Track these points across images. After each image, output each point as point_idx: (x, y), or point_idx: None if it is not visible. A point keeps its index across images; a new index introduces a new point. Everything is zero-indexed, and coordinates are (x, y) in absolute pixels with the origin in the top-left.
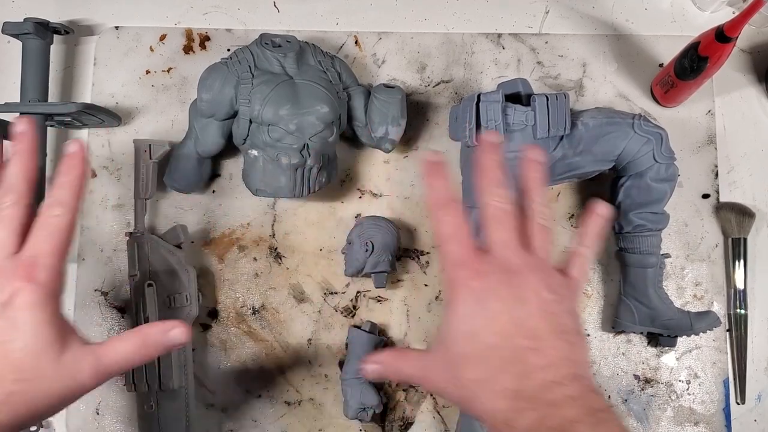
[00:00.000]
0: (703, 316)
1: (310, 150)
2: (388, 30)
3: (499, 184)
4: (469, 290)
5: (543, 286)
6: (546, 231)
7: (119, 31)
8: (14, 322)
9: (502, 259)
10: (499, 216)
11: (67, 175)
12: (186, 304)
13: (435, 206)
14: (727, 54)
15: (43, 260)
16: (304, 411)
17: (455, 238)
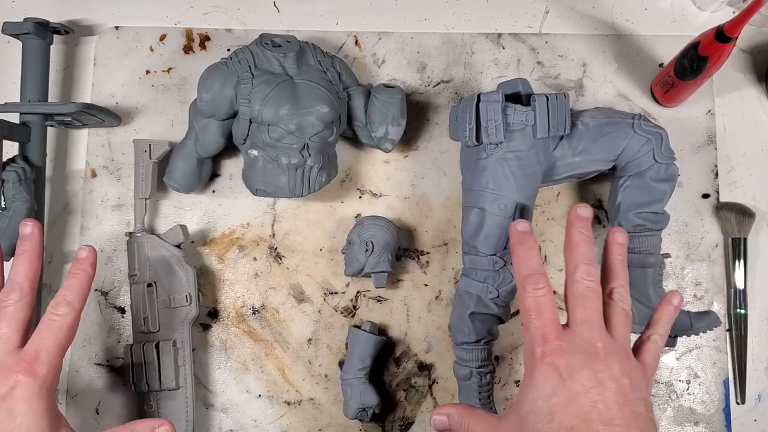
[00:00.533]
0: (703, 316)
1: (310, 150)
2: (388, 30)
3: (588, 262)
4: (552, 368)
5: (622, 372)
6: (626, 315)
7: (119, 31)
8: (12, 413)
9: (586, 339)
10: (586, 295)
11: (76, 278)
12: (186, 303)
13: (520, 278)
14: (727, 54)
15: (45, 356)
16: (304, 411)
17: (539, 312)
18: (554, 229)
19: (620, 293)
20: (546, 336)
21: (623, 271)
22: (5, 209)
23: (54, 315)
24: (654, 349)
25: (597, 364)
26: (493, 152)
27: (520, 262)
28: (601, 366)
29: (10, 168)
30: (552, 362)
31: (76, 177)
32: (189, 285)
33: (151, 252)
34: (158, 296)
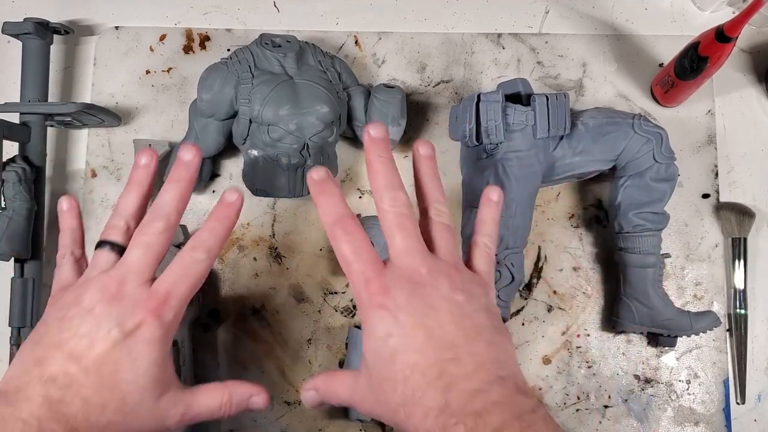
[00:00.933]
0: (703, 316)
1: (310, 150)
2: (388, 30)
3: (393, 187)
4: (381, 308)
5: (452, 289)
6: (448, 230)
7: (119, 31)
8: (133, 354)
9: (408, 268)
10: (399, 222)
11: (218, 222)
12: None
13: (328, 224)
14: (727, 54)
15: (174, 301)
16: (304, 411)
17: (357, 255)
18: (554, 229)
19: (437, 209)
20: (368, 278)
21: (435, 183)
22: (5, 209)
23: (192, 258)
24: (484, 254)
25: (424, 289)
26: (493, 152)
27: (325, 210)
28: (428, 290)
29: (10, 168)
30: (380, 303)
31: (76, 177)
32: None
33: None
34: None
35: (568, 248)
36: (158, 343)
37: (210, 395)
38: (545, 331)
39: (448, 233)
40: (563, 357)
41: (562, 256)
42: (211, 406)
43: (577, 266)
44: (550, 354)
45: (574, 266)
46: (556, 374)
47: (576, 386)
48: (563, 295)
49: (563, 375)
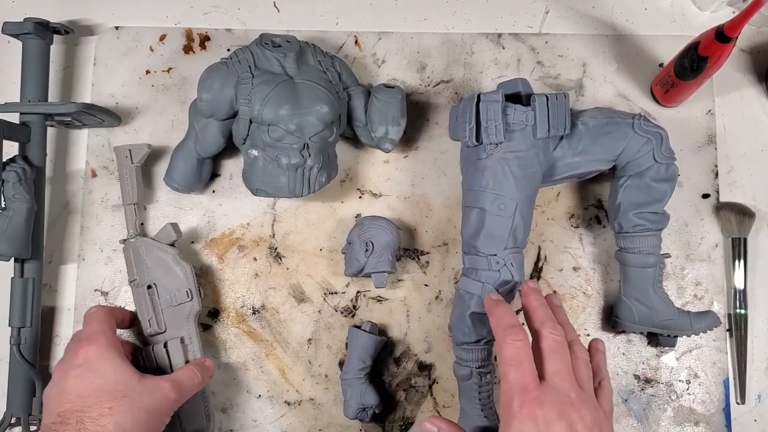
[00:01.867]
0: (703, 316)
1: (310, 150)
2: (388, 30)
3: (552, 318)
4: (531, 418)
5: (593, 422)
6: (588, 367)
7: (119, 31)
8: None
9: (561, 390)
10: (556, 347)
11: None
12: (187, 299)
13: (499, 329)
14: (727, 54)
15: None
16: (304, 411)
17: (518, 362)
18: (554, 229)
19: (578, 346)
20: (525, 386)
21: (571, 325)
22: (5, 209)
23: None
24: (608, 395)
25: (572, 414)
26: (493, 152)
27: (499, 318)
28: (575, 416)
29: (10, 168)
30: (531, 413)
31: (76, 177)
32: (188, 281)
33: (147, 254)
34: (160, 296)
35: (568, 248)
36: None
37: (181, 371)
38: None
39: (589, 370)
40: None
41: (562, 256)
42: (187, 374)
43: (577, 266)
44: None
45: (574, 266)
46: None
47: None
48: (563, 295)
49: None
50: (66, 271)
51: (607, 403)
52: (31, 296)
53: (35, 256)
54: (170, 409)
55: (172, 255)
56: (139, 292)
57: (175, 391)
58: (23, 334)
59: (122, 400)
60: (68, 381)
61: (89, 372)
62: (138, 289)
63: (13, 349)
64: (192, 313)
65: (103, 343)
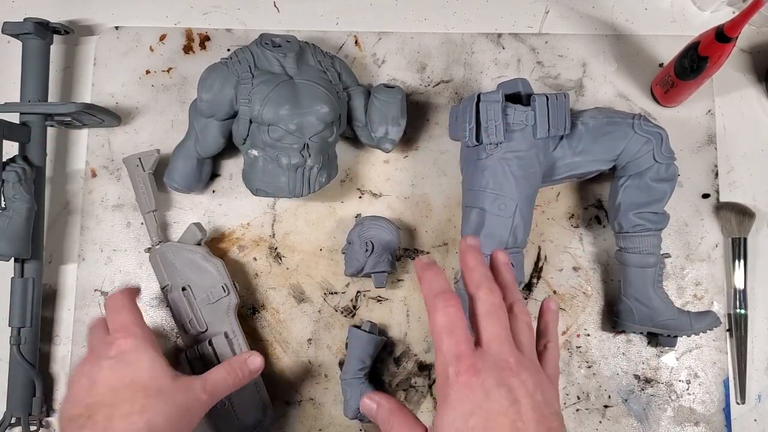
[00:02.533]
0: (703, 316)
1: (310, 150)
2: (388, 30)
3: (489, 279)
4: (468, 387)
5: (535, 387)
6: (529, 329)
7: (119, 31)
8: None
9: (498, 355)
10: (492, 310)
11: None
12: (224, 294)
13: (429, 297)
14: (727, 54)
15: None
16: (304, 411)
17: (450, 330)
18: (554, 229)
19: (519, 307)
20: (459, 354)
21: (516, 288)
22: (5, 209)
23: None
24: (554, 358)
25: (511, 379)
26: (493, 152)
27: (429, 284)
28: (515, 382)
29: (10, 168)
30: (467, 381)
31: (76, 177)
32: (221, 276)
33: (175, 258)
34: (196, 297)
35: (568, 248)
36: (141, 347)
37: (215, 370)
38: None
39: (530, 332)
40: (563, 357)
41: (562, 256)
42: (220, 374)
43: (577, 266)
44: None
45: (574, 266)
46: None
47: (576, 386)
48: (563, 295)
49: (563, 375)
50: (66, 271)
51: (552, 367)
52: (31, 296)
53: (35, 256)
54: (201, 410)
55: (201, 254)
56: (175, 296)
57: (206, 393)
58: (23, 334)
59: (156, 398)
60: (101, 372)
61: (124, 365)
62: (172, 294)
63: (13, 349)
64: (231, 307)
65: (139, 335)
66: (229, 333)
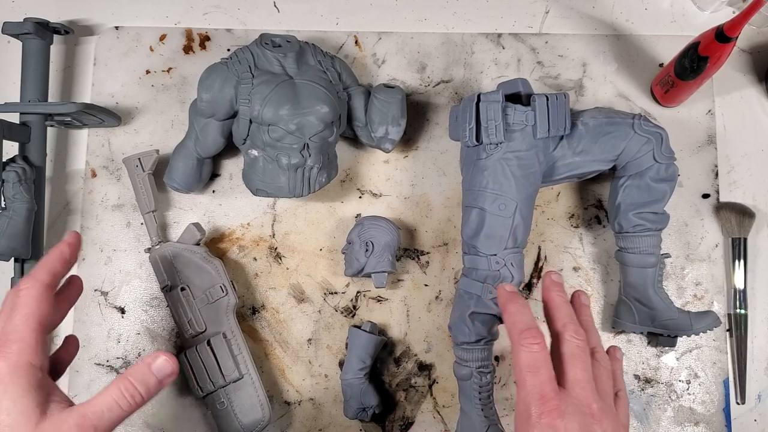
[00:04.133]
0: (703, 316)
1: (310, 150)
2: (388, 30)
3: (575, 320)
4: (550, 428)
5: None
6: (609, 376)
7: (119, 31)
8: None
9: (582, 400)
10: (578, 353)
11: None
12: (223, 294)
13: (514, 332)
14: (727, 54)
15: (13, 335)
16: (304, 411)
17: (536, 368)
18: (554, 229)
19: (601, 353)
20: (544, 395)
21: (595, 329)
22: (5, 209)
23: (17, 292)
24: (626, 406)
25: (594, 426)
26: (493, 152)
27: (514, 317)
28: (597, 429)
29: (10, 168)
30: (551, 423)
31: (76, 177)
32: (220, 276)
33: (175, 258)
34: (195, 297)
35: (568, 248)
36: (10, 377)
37: (103, 393)
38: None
39: (610, 379)
40: None
41: (562, 256)
42: (107, 400)
43: (577, 266)
44: None
45: (574, 266)
46: None
47: None
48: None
49: None
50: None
51: (625, 415)
52: None
53: (35, 256)
54: None
55: (200, 254)
56: (173, 296)
57: (86, 429)
58: None
59: None
60: None
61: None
62: (171, 294)
63: None
64: (229, 307)
65: (12, 362)
66: (227, 333)
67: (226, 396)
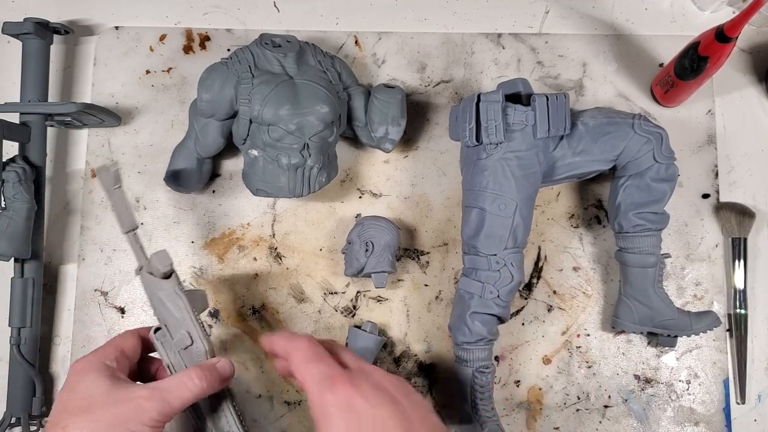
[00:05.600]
0: (703, 316)
1: (310, 150)
2: (388, 30)
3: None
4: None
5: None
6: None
7: (119, 31)
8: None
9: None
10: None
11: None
12: (189, 343)
13: (282, 346)
14: (727, 54)
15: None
16: (304, 411)
17: (316, 358)
18: (554, 229)
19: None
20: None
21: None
22: (5, 209)
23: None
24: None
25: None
26: (493, 152)
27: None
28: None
29: (10, 168)
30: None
31: (76, 177)
32: (184, 320)
33: (149, 291)
34: (173, 337)
35: (568, 248)
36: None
37: (174, 376)
38: (545, 331)
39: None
40: (563, 357)
41: (562, 256)
42: (176, 380)
43: (577, 266)
44: (550, 354)
45: (574, 266)
46: (556, 374)
47: (576, 386)
48: (563, 295)
49: (563, 375)
50: (66, 271)
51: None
52: (31, 296)
53: (35, 256)
54: (149, 419)
55: (167, 290)
56: (159, 335)
57: (154, 400)
58: (23, 334)
59: (80, 416)
60: (58, 397)
61: (64, 390)
62: (157, 333)
63: (13, 349)
64: (197, 357)
65: (89, 360)
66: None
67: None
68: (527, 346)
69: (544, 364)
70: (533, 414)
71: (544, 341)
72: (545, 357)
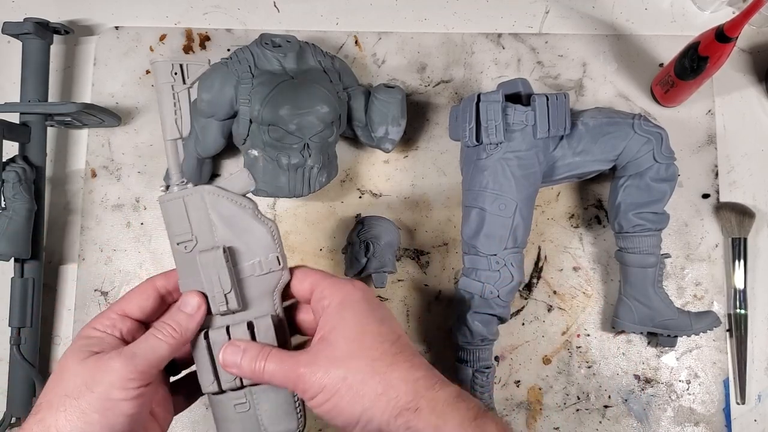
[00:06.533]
0: (703, 316)
1: (311, 150)
2: (388, 30)
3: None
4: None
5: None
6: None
7: (119, 31)
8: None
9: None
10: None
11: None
12: (279, 267)
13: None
14: (727, 54)
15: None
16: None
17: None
18: (554, 229)
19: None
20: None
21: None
22: (5, 209)
23: None
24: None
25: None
26: (493, 152)
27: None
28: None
29: (10, 168)
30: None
31: (76, 177)
32: (275, 243)
33: (213, 208)
34: (236, 264)
35: (568, 248)
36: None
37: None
38: (545, 331)
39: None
40: (563, 357)
41: (562, 256)
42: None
43: (577, 266)
44: (550, 354)
45: (574, 266)
46: (556, 374)
47: (576, 386)
48: (563, 295)
49: (563, 375)
50: (66, 271)
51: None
52: (31, 296)
53: (35, 256)
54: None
55: (252, 209)
56: (203, 259)
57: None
58: (23, 334)
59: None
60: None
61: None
62: (200, 256)
63: (13, 349)
64: (280, 286)
65: (77, 346)
66: (274, 318)
67: (251, 396)
68: (527, 346)
69: (544, 364)
70: (533, 414)
71: (544, 341)
72: (545, 357)
